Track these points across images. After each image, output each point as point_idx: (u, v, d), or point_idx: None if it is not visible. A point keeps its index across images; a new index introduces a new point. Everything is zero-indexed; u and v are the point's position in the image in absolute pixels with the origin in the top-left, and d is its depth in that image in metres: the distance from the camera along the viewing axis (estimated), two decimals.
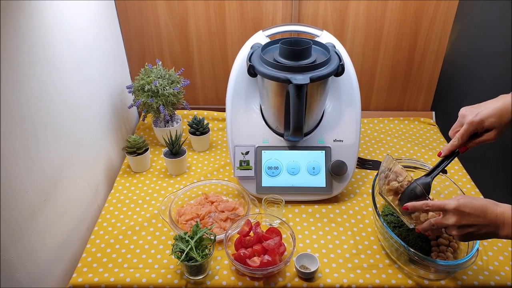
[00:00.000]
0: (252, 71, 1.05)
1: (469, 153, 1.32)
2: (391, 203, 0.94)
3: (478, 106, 0.88)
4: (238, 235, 1.00)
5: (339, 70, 1.04)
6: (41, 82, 0.91)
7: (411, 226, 0.91)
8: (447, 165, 0.93)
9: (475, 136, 0.88)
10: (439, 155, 0.93)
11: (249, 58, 1.08)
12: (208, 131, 1.37)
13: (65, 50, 1.01)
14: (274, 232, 1.01)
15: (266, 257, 0.93)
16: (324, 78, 1.01)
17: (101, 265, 0.99)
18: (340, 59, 1.06)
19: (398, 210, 0.93)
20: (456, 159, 1.35)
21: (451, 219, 0.78)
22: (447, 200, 0.80)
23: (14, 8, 0.81)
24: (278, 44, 1.07)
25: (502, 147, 1.26)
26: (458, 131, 0.89)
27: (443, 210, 0.80)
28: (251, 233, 1.01)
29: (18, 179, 0.83)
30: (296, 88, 0.97)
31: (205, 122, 1.36)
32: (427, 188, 0.92)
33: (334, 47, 1.12)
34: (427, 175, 0.96)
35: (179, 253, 0.92)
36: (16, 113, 0.82)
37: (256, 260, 0.94)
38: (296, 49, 1.02)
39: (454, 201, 0.78)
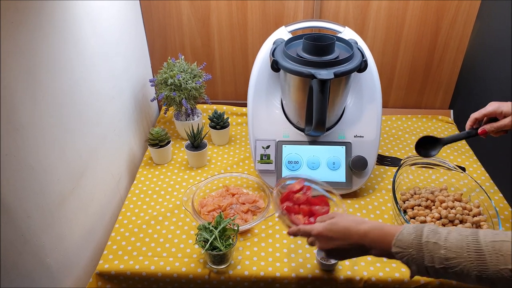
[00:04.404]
0: (275, 66, 1.06)
1: (487, 150, 1.32)
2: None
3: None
4: (286, 191, 0.94)
5: (362, 66, 1.05)
6: (72, 75, 0.94)
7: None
8: (461, 139, 1.03)
9: (494, 121, 0.97)
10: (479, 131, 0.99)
11: (272, 53, 1.10)
12: (228, 125, 1.39)
13: (93, 45, 1.04)
14: (323, 201, 0.95)
15: (312, 219, 0.89)
16: (348, 73, 1.02)
17: (126, 253, 1.01)
18: (363, 55, 1.07)
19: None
20: (474, 156, 1.36)
21: (317, 244, 0.78)
22: (316, 224, 0.80)
23: (50, 6, 0.84)
24: (301, 40, 1.08)
25: None
26: (479, 118, 1.00)
27: (309, 238, 0.80)
28: (300, 194, 0.95)
29: (51, 167, 0.86)
30: (320, 83, 0.98)
31: (225, 116, 1.39)
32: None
33: (357, 43, 1.13)
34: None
35: (203, 242, 0.94)
36: (50, 104, 0.85)
37: (300, 219, 0.90)
38: (320, 45, 1.03)
39: (319, 227, 0.78)
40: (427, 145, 1.07)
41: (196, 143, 1.27)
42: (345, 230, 0.74)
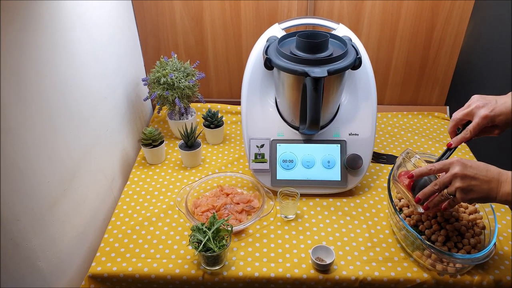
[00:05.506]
0: (268, 64, 1.05)
1: (483, 148, 1.31)
2: (404, 189, 0.95)
3: (491, 98, 0.91)
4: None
5: (356, 64, 1.04)
6: (61, 74, 0.92)
7: (420, 210, 0.92)
8: (452, 153, 0.96)
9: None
10: (449, 145, 0.95)
11: (266, 51, 1.08)
12: (222, 124, 1.38)
13: (84, 43, 1.02)
14: None
15: None
16: (342, 71, 1.01)
17: (119, 254, 1.00)
18: (357, 52, 1.06)
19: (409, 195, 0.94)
20: (470, 153, 1.35)
21: (455, 169, 0.80)
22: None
23: (38, 5, 0.83)
24: (295, 37, 1.07)
25: None
26: (463, 119, 0.93)
27: (446, 166, 0.83)
28: None
29: (40, 169, 0.84)
30: (314, 81, 0.97)
31: (219, 115, 1.37)
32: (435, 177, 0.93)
33: (351, 40, 1.12)
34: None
35: (197, 244, 0.93)
36: (40, 105, 0.83)
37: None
38: (313, 42, 1.02)
39: (455, 158, 0.83)
40: None
41: (190, 143, 1.26)
42: (485, 165, 0.81)
